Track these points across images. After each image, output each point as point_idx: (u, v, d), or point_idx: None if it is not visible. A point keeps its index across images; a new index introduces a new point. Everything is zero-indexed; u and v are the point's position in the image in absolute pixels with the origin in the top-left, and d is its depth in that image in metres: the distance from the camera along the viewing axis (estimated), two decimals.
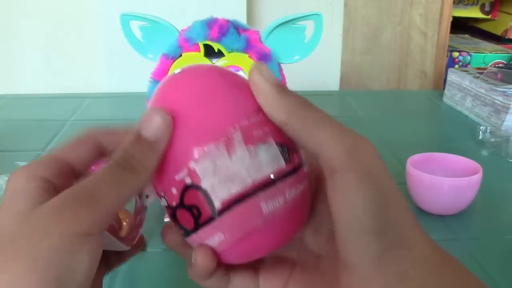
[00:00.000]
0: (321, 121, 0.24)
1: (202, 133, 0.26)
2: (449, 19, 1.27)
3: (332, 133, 0.24)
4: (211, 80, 0.27)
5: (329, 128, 0.24)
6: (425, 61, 1.32)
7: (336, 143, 0.23)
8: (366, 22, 1.32)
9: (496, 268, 0.53)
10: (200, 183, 0.25)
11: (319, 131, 0.24)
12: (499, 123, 0.90)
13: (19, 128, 0.93)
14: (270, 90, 0.25)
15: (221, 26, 0.62)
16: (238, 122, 0.26)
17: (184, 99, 0.27)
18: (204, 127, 0.26)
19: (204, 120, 0.26)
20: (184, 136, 0.26)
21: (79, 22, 1.25)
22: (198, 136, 0.26)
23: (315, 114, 0.25)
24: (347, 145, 0.23)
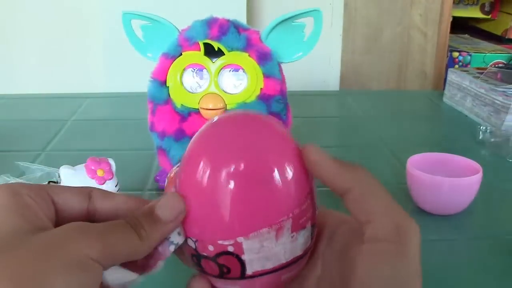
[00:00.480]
0: (379, 191, 0.27)
1: (260, 216, 0.27)
2: (449, 19, 1.27)
3: (386, 205, 0.26)
4: (275, 161, 0.28)
5: (385, 200, 0.26)
6: (425, 61, 1.32)
7: (388, 217, 0.26)
8: (366, 22, 1.32)
9: (496, 268, 0.53)
10: (242, 255, 0.27)
11: (377, 200, 0.26)
12: (499, 123, 0.90)
13: (19, 128, 0.93)
14: (333, 163, 0.27)
15: (221, 25, 0.62)
16: (292, 211, 0.28)
17: (253, 179, 0.27)
18: (263, 211, 0.27)
19: (262, 203, 0.27)
20: (242, 212, 0.27)
21: (79, 22, 1.25)
22: (255, 218, 0.27)
23: (375, 183, 0.27)
24: (398, 222, 0.26)
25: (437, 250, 0.56)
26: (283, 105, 0.64)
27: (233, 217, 0.27)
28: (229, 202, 0.27)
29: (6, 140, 0.86)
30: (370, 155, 0.82)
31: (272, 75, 0.62)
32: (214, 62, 0.61)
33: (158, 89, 0.63)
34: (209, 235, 0.28)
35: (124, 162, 0.67)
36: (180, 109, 0.62)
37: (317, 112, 1.05)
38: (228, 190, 0.27)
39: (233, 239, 0.27)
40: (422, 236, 0.59)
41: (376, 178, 0.27)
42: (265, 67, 0.62)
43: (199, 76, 0.62)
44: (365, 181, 0.27)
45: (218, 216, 0.27)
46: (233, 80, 0.62)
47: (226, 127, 0.29)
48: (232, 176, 0.27)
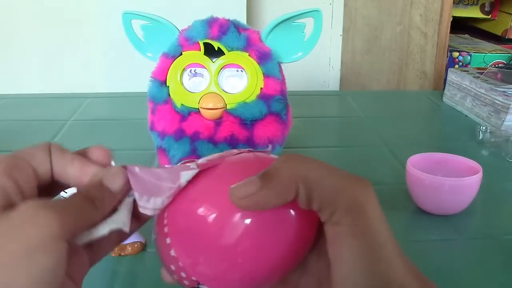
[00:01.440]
0: (323, 178, 0.25)
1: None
2: (449, 19, 1.27)
3: (333, 186, 0.25)
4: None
5: (329, 178, 0.25)
6: (425, 61, 1.32)
7: (338, 194, 0.24)
8: (366, 22, 1.32)
9: (497, 268, 0.53)
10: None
11: (322, 188, 0.25)
12: (499, 123, 0.90)
13: (19, 128, 0.93)
14: (258, 186, 0.25)
15: (222, 25, 0.62)
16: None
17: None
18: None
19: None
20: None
21: (79, 22, 1.26)
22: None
23: (317, 172, 0.25)
24: (349, 196, 0.24)
25: (437, 250, 0.56)
26: (283, 105, 0.64)
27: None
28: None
29: (6, 140, 0.86)
30: (370, 155, 0.82)
31: (272, 75, 0.62)
32: (214, 61, 0.61)
33: (158, 89, 0.63)
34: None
35: (124, 162, 0.67)
36: (180, 109, 0.62)
37: (317, 112, 1.05)
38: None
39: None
40: (422, 236, 0.59)
41: (308, 158, 0.26)
42: (265, 66, 0.62)
43: (195, 76, 0.63)
44: (304, 174, 0.25)
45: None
46: (233, 79, 0.62)
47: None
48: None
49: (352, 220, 0.24)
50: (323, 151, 0.84)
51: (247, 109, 0.61)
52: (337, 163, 0.83)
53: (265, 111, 0.62)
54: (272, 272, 0.27)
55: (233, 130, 0.62)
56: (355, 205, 0.24)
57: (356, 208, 0.24)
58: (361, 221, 0.24)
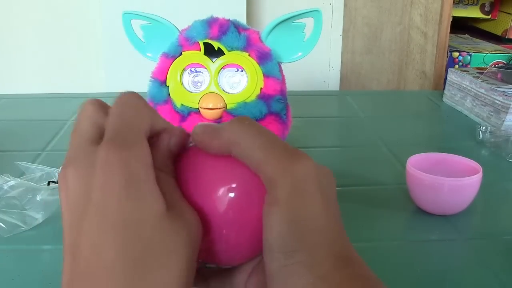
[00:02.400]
0: (260, 140, 0.26)
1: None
2: (449, 19, 1.27)
3: (268, 152, 0.26)
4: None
5: (265, 147, 0.26)
6: (425, 61, 1.32)
7: (269, 163, 0.26)
8: (366, 22, 1.32)
9: (497, 268, 0.53)
10: None
11: (256, 150, 0.26)
12: (499, 123, 0.90)
13: (19, 128, 0.93)
14: (205, 135, 0.27)
15: (221, 25, 0.62)
16: None
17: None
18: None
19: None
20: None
21: (79, 22, 1.25)
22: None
23: (254, 133, 0.27)
24: (277, 166, 0.26)
25: (437, 250, 0.56)
26: (283, 105, 0.64)
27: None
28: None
29: (6, 140, 0.86)
30: (370, 155, 0.82)
31: (272, 75, 0.62)
32: (214, 61, 0.61)
33: (158, 89, 0.63)
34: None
35: None
36: (180, 109, 0.62)
37: (317, 112, 1.05)
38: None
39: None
40: (422, 236, 0.59)
41: (256, 125, 0.27)
42: (265, 66, 0.62)
43: (195, 76, 0.63)
44: (242, 135, 0.27)
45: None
46: (233, 79, 0.62)
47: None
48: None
49: (272, 189, 0.26)
50: (323, 151, 0.84)
51: (247, 109, 0.61)
52: (337, 163, 0.84)
53: (265, 111, 0.62)
54: (252, 240, 0.28)
55: None
56: (277, 176, 0.26)
57: (277, 179, 0.25)
58: (278, 191, 0.25)
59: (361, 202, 0.66)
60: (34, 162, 0.75)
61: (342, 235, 0.27)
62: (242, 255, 0.30)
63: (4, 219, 0.58)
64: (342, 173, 0.74)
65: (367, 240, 0.57)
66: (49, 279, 0.50)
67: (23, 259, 0.54)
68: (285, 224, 0.25)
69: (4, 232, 0.57)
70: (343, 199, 0.67)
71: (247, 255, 0.30)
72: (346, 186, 0.70)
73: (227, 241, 0.28)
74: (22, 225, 0.58)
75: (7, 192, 0.63)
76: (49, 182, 0.64)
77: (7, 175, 0.66)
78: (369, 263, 0.27)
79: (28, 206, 0.61)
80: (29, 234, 0.57)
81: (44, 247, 0.55)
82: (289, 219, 0.25)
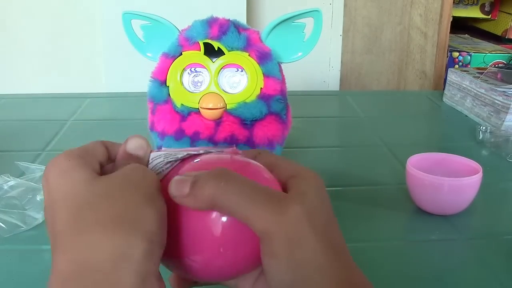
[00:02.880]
0: (243, 194, 0.27)
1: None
2: (449, 19, 1.27)
3: (254, 206, 0.27)
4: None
5: (251, 200, 0.27)
6: (425, 61, 1.32)
7: (258, 217, 0.27)
8: (366, 22, 1.32)
9: (497, 268, 0.53)
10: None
11: (241, 205, 0.27)
12: (499, 123, 0.90)
13: (19, 128, 0.93)
14: (185, 198, 0.28)
15: (221, 24, 0.62)
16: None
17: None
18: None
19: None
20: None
21: (79, 22, 1.25)
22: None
23: (236, 187, 0.27)
24: (267, 218, 0.26)
25: (437, 250, 0.56)
26: (283, 105, 0.64)
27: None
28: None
29: (6, 140, 0.86)
30: (370, 155, 0.82)
31: (272, 75, 0.62)
32: (214, 61, 0.61)
33: (158, 89, 0.63)
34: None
35: None
36: (180, 109, 0.62)
37: (317, 112, 1.05)
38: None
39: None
40: (422, 236, 0.59)
41: (232, 175, 0.28)
42: (265, 66, 0.62)
43: (195, 76, 0.63)
44: (220, 191, 0.27)
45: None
46: (233, 79, 0.62)
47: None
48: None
49: (267, 241, 0.27)
50: (323, 151, 0.84)
51: (247, 109, 0.61)
52: (337, 163, 0.84)
53: (265, 111, 0.62)
54: (246, 259, 0.29)
55: (233, 130, 0.62)
56: (270, 227, 0.26)
57: (270, 231, 0.26)
58: (275, 242, 0.26)
59: (361, 202, 0.66)
60: (34, 162, 0.75)
61: (344, 262, 0.28)
62: (238, 271, 0.30)
63: (4, 219, 0.58)
64: (342, 173, 0.75)
65: (367, 240, 0.57)
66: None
67: (23, 259, 0.54)
68: (286, 274, 0.26)
69: (4, 232, 0.57)
70: (343, 199, 0.67)
71: (243, 270, 0.30)
72: (346, 186, 0.70)
73: (225, 258, 0.29)
74: (22, 225, 0.58)
75: (7, 192, 0.63)
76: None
77: (7, 175, 0.66)
78: (369, 263, 0.27)
79: (28, 206, 0.61)
80: (29, 234, 0.57)
81: (44, 247, 0.55)
82: (290, 268, 0.26)
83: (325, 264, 0.27)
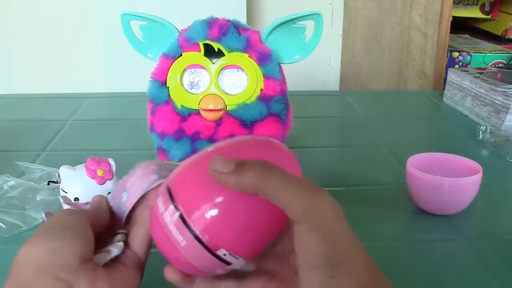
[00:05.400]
0: (285, 181, 0.30)
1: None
2: (449, 19, 1.27)
3: (292, 192, 0.30)
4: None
5: (289, 187, 0.30)
6: (425, 61, 1.32)
7: (297, 202, 0.30)
8: (366, 22, 1.32)
9: (497, 268, 0.53)
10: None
11: (284, 191, 0.30)
12: (499, 123, 0.90)
13: (19, 128, 0.93)
14: (228, 176, 0.30)
15: (221, 25, 0.62)
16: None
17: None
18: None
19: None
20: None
21: (79, 22, 1.25)
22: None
23: (279, 175, 0.30)
24: (305, 203, 0.30)
25: (437, 250, 0.56)
26: (283, 105, 0.64)
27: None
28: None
29: (6, 140, 0.86)
30: (370, 155, 0.82)
31: (272, 76, 0.62)
32: (214, 63, 0.61)
33: (159, 90, 0.63)
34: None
35: (124, 162, 0.67)
36: (180, 110, 0.62)
37: (317, 112, 1.05)
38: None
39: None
40: (422, 236, 0.59)
41: (275, 167, 0.31)
42: (265, 68, 0.62)
43: (195, 77, 0.63)
44: (266, 177, 0.30)
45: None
46: (233, 81, 0.62)
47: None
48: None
49: (307, 218, 0.30)
50: (323, 151, 0.84)
51: (247, 110, 0.61)
52: (337, 163, 0.83)
53: (265, 112, 0.62)
54: (271, 232, 0.33)
55: (233, 130, 0.62)
56: (310, 208, 0.30)
57: (311, 211, 0.30)
58: (314, 218, 0.30)
59: (361, 202, 0.66)
60: (34, 162, 0.75)
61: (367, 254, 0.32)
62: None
63: (4, 219, 0.58)
64: (342, 173, 0.75)
65: (367, 240, 0.56)
66: None
67: None
68: (325, 243, 0.29)
69: (4, 232, 0.57)
70: (343, 199, 0.67)
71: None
72: (346, 186, 0.70)
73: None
74: (22, 225, 0.58)
75: (7, 192, 0.63)
76: (49, 182, 0.64)
77: (7, 175, 0.66)
78: None
79: (28, 206, 0.61)
80: (29, 234, 0.57)
81: None
82: (328, 239, 0.30)
83: (356, 244, 0.31)
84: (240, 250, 0.32)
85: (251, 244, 0.33)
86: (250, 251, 0.33)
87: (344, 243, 0.30)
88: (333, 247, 0.30)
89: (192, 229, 0.31)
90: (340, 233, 0.30)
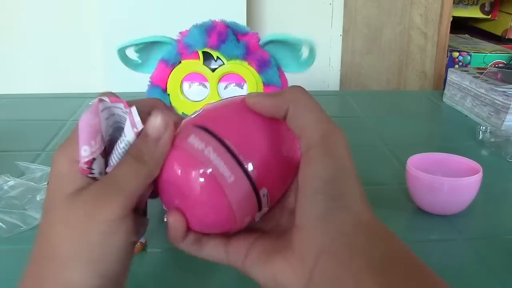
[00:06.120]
0: (309, 107, 0.31)
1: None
2: (449, 19, 1.27)
3: (316, 118, 0.31)
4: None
5: (314, 113, 0.31)
6: (425, 61, 1.32)
7: (316, 128, 0.30)
8: (366, 22, 1.32)
9: (497, 268, 0.53)
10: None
11: (307, 115, 0.31)
12: (499, 123, 0.90)
13: (19, 128, 0.93)
14: (268, 96, 0.32)
15: (220, 33, 0.61)
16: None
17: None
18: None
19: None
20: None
21: (79, 22, 1.25)
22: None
23: (306, 100, 0.32)
24: (323, 131, 0.31)
25: (437, 250, 0.56)
26: None
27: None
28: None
29: (6, 140, 0.86)
30: (370, 155, 0.82)
31: (272, 83, 0.62)
32: (213, 71, 0.61)
33: (160, 96, 0.63)
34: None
35: None
36: None
37: None
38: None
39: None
40: (422, 236, 0.59)
41: (309, 95, 0.32)
42: (264, 75, 0.62)
43: (195, 85, 0.63)
44: (297, 99, 0.31)
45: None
46: (233, 89, 0.62)
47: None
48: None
49: (322, 144, 0.30)
50: None
51: None
52: None
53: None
54: (290, 180, 0.33)
55: None
56: (327, 136, 0.30)
57: (327, 138, 0.30)
58: (328, 145, 0.30)
59: None
60: (34, 162, 0.75)
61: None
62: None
63: (4, 219, 0.58)
64: None
65: None
66: None
67: (23, 259, 0.53)
68: (331, 169, 0.29)
69: (4, 232, 0.57)
70: None
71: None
72: None
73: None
74: (22, 225, 0.58)
75: (7, 192, 0.63)
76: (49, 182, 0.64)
77: (7, 175, 0.66)
78: None
79: (28, 206, 0.61)
80: (29, 234, 0.57)
81: None
82: (338, 167, 0.30)
83: (361, 187, 0.31)
84: (276, 192, 0.32)
85: (282, 186, 0.33)
86: (279, 195, 0.33)
87: (350, 177, 0.30)
88: (340, 176, 0.30)
89: (242, 163, 0.30)
90: (349, 167, 0.31)
